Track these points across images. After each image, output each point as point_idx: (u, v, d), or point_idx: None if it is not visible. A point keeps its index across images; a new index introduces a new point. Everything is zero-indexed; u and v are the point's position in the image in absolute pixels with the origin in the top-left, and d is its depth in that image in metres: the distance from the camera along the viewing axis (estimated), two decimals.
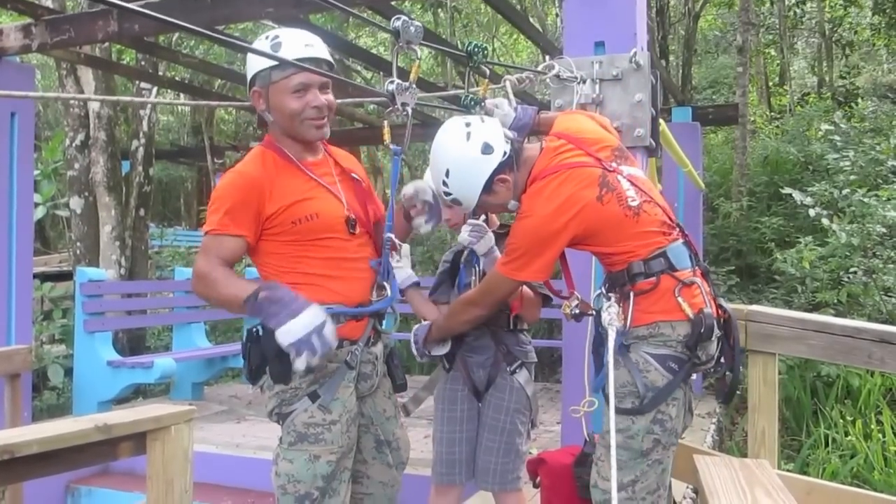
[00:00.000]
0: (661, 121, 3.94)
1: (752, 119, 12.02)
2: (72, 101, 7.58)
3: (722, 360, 2.41)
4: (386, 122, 2.47)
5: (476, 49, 2.77)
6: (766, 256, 7.86)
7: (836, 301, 6.21)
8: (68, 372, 6.56)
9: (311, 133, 2.35)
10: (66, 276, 8.56)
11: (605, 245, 2.38)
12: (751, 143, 10.13)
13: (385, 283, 2.44)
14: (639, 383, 2.30)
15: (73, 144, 7.88)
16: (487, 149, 2.40)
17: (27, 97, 4.63)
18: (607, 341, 2.28)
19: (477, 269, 2.84)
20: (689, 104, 8.54)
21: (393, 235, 2.45)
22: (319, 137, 2.39)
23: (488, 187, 2.42)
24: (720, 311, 2.40)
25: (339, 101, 2.41)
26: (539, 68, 3.02)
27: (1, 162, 4.90)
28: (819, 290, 6.41)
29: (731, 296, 7.86)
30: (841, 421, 5.38)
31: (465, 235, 2.70)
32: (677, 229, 2.44)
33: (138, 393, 7.17)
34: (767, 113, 13.08)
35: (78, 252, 8.00)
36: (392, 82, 2.29)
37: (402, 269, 2.67)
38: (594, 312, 2.52)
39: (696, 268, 2.40)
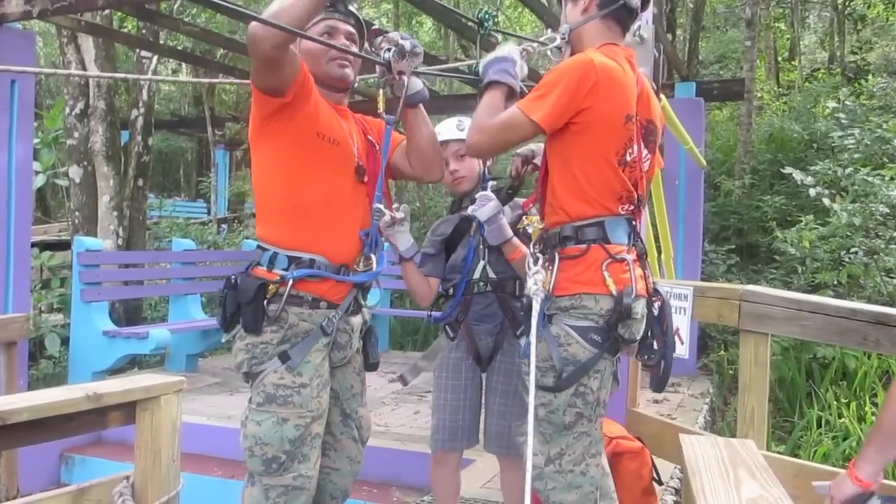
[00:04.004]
0: (661, 96, 3.90)
1: (760, 95, 11.87)
2: (72, 69, 7.51)
3: (655, 346, 2.36)
4: (381, 91, 2.43)
5: (487, 16, 2.74)
6: (768, 235, 7.81)
7: (835, 282, 6.17)
8: (65, 341, 6.56)
9: (335, 70, 2.39)
10: (66, 245, 8.54)
11: (576, 162, 2.25)
12: (757, 120, 9.99)
13: (372, 255, 2.42)
14: (556, 359, 2.23)
15: (73, 113, 7.83)
16: None
17: (24, 71, 4.58)
18: (532, 311, 2.20)
19: (480, 242, 2.82)
20: (694, 79, 8.43)
21: (382, 206, 2.44)
22: (343, 77, 2.42)
23: None
24: (655, 296, 2.36)
25: None
26: (542, 39, 2.97)
27: (0, 129, 4.85)
28: (819, 271, 6.37)
29: (729, 275, 7.83)
30: (835, 403, 5.38)
31: (473, 206, 2.69)
32: (634, 206, 2.35)
33: (134, 364, 7.18)
34: (775, 89, 12.87)
35: (76, 221, 7.99)
36: (388, 50, 2.28)
37: (404, 235, 2.65)
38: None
39: (632, 247, 2.33)
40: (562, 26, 2.40)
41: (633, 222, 2.37)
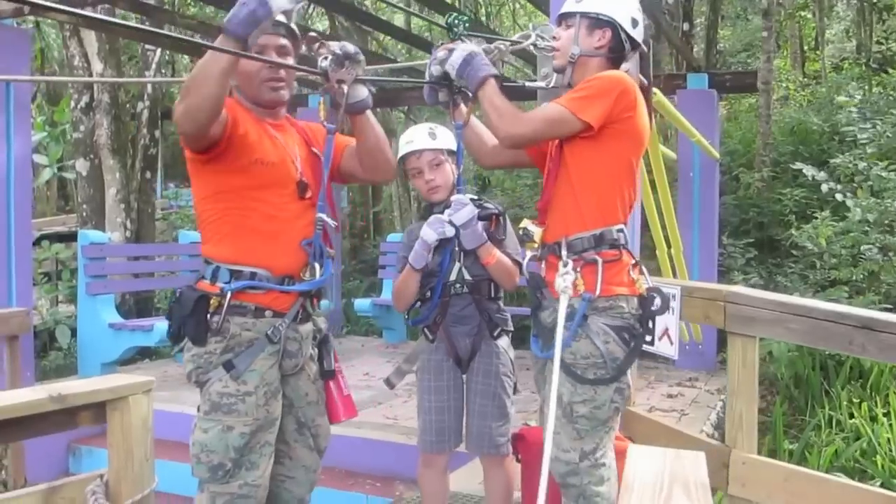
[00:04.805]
0: (655, 90, 3.81)
1: (785, 85, 11.60)
2: (76, 63, 7.55)
3: None
4: (322, 99, 2.39)
5: (457, 21, 2.69)
6: (788, 229, 7.65)
7: (852, 278, 6.00)
8: (76, 332, 6.62)
9: (268, 94, 2.37)
10: None
11: (615, 169, 2.41)
12: (780, 111, 9.76)
13: (316, 264, 2.39)
14: (604, 353, 2.35)
15: (79, 106, 7.86)
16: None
17: (18, 80, 4.61)
18: (559, 307, 2.30)
19: (456, 245, 2.80)
20: (712, 69, 8.24)
21: (325, 216, 2.40)
22: (277, 98, 2.39)
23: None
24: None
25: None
26: (515, 37, 2.88)
27: None
28: (837, 267, 6.22)
29: (748, 269, 7.67)
30: (845, 403, 5.23)
31: (448, 210, 2.72)
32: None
33: (145, 354, 7.23)
34: (800, 79, 12.54)
35: (84, 214, 8.02)
36: (326, 59, 2.23)
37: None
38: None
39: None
40: (573, 47, 2.49)
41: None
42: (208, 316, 2.26)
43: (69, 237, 8.70)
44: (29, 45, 5.37)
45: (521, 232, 2.71)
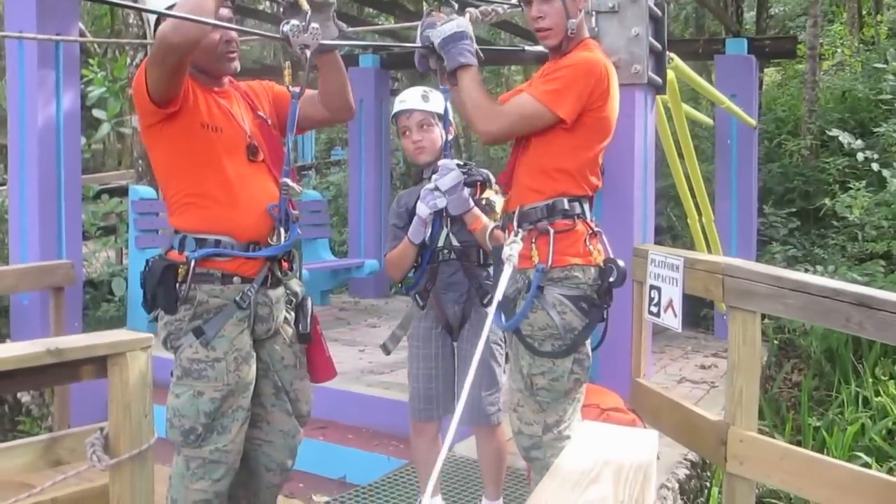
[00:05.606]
0: (672, 56, 3.72)
1: (840, 51, 11.10)
2: (130, 21, 7.67)
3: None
4: (288, 64, 2.40)
5: None
6: (833, 199, 7.40)
7: (892, 252, 5.79)
8: None
9: (226, 66, 2.39)
10: None
11: (580, 144, 2.41)
12: (830, 78, 9.38)
13: (281, 229, 2.41)
14: (559, 326, 2.35)
15: (133, 63, 7.93)
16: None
17: (66, 40, 4.69)
18: (501, 275, 2.29)
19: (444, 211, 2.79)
20: (762, 35, 7.93)
21: (289, 180, 2.41)
22: (234, 69, 2.42)
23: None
24: None
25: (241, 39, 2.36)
26: (514, 0, 2.83)
27: (47, 84, 4.95)
28: (877, 240, 6.00)
29: (791, 239, 7.47)
30: (871, 379, 5.08)
31: (435, 176, 2.71)
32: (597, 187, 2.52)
33: None
34: (856, 44, 11.96)
35: (140, 169, 8.19)
36: (287, 23, 2.22)
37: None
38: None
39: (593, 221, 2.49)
40: (568, 22, 2.42)
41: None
42: (177, 284, 2.31)
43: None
44: (77, 5, 5.42)
45: (483, 202, 2.72)
